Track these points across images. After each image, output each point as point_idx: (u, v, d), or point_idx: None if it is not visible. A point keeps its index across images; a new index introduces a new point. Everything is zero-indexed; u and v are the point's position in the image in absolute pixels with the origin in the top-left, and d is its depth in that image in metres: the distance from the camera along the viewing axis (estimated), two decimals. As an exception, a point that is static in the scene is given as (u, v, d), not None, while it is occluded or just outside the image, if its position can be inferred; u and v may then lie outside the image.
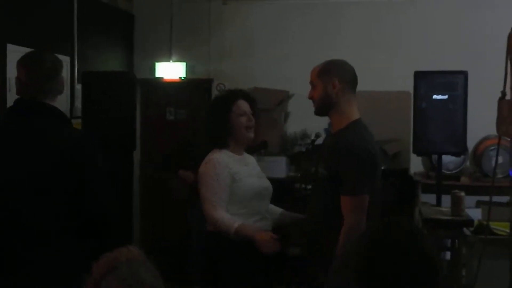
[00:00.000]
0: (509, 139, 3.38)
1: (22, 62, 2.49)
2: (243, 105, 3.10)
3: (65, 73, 5.50)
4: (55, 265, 2.30)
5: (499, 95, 3.15)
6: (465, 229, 3.97)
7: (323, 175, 2.76)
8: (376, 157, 2.72)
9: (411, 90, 4.81)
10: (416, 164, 5.92)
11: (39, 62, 2.46)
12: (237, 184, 2.99)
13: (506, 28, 3.06)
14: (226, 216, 2.93)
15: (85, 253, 2.28)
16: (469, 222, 3.89)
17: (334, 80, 2.73)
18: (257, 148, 4.90)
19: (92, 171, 2.39)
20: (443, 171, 4.98)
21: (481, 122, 4.47)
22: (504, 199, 4.44)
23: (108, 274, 1.45)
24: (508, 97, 3.07)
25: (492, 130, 3.29)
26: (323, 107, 2.80)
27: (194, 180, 5.22)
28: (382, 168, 2.92)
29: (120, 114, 4.82)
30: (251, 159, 3.28)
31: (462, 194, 3.98)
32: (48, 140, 2.35)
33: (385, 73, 6.03)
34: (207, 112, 3.26)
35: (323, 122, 4.72)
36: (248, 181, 3.03)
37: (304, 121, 6.01)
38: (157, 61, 6.69)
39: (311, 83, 2.83)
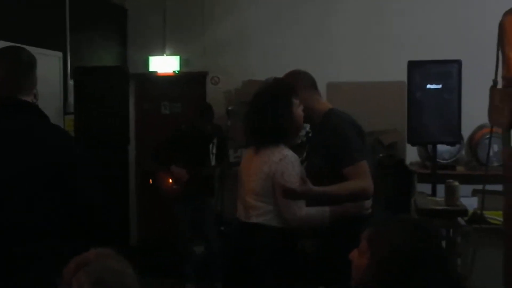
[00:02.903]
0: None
1: None
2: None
3: (58, 68, 5.50)
4: (41, 266, 2.24)
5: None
6: (460, 219, 3.96)
7: (320, 163, 2.87)
8: (359, 126, 2.97)
9: (406, 80, 4.78)
10: (412, 154, 5.91)
11: (17, 57, 2.41)
12: None
13: (499, 16, 3.04)
14: (311, 209, 2.78)
15: (72, 253, 2.26)
16: (463, 211, 3.88)
17: (296, 98, 2.87)
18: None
19: (78, 169, 2.34)
20: (438, 160, 4.97)
21: (476, 111, 4.44)
22: (500, 187, 4.42)
23: (77, 271, 1.49)
24: (499, 85, 3.05)
25: (487, 118, 3.27)
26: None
27: (188, 178, 5.21)
28: (380, 155, 3.05)
29: (114, 109, 4.79)
30: None
31: (456, 183, 3.96)
32: (32, 138, 2.31)
33: (380, 64, 6.02)
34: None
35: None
36: None
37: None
38: (151, 55, 6.68)
39: None
